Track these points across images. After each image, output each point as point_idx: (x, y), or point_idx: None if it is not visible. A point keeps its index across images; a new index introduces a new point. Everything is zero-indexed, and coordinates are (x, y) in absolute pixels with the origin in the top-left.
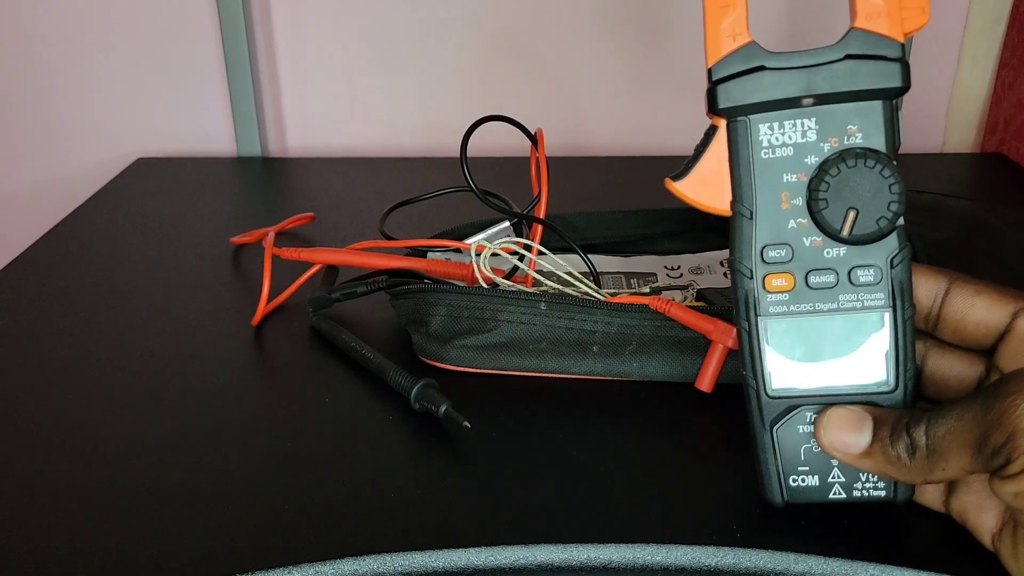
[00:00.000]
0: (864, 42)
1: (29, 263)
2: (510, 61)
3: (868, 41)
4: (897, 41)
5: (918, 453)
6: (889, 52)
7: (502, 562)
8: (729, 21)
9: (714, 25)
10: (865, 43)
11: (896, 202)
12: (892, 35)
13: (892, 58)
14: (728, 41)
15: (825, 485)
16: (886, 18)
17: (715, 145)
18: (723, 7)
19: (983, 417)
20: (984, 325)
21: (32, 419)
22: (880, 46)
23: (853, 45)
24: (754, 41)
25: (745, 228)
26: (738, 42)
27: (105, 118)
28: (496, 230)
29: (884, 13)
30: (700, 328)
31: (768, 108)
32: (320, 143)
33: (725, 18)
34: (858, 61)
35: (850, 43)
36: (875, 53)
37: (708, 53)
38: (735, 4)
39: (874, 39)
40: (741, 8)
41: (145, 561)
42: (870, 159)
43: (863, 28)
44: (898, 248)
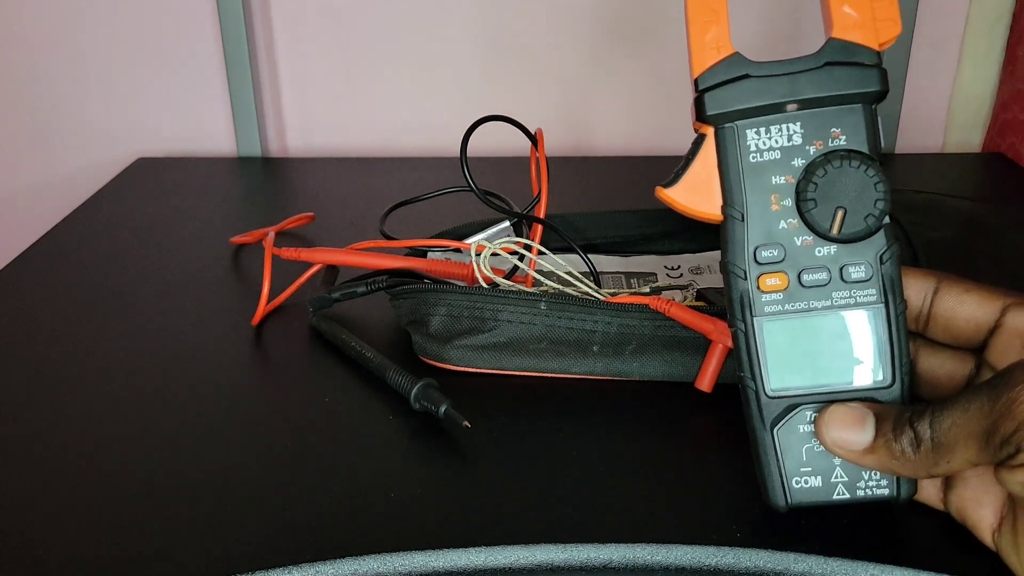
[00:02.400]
0: (842, 50)
1: (29, 263)
2: (510, 61)
3: (846, 49)
4: (873, 49)
5: (923, 446)
6: (866, 59)
7: (502, 562)
8: (712, 34)
9: (698, 38)
10: (843, 51)
11: (882, 200)
12: (868, 43)
13: (870, 64)
14: (712, 53)
15: (828, 485)
16: (860, 28)
17: (704, 153)
18: (706, 21)
19: (991, 407)
20: (974, 322)
21: (31, 419)
22: (857, 53)
23: (832, 53)
24: (738, 52)
25: (737, 230)
26: (722, 53)
27: (105, 118)
28: (496, 230)
29: (859, 24)
30: (700, 328)
31: (754, 114)
32: (320, 143)
33: (708, 31)
34: (838, 67)
35: (829, 52)
36: (853, 60)
37: (693, 65)
38: (718, 18)
39: (851, 47)
40: (724, 21)
41: (145, 561)
42: (854, 160)
43: (840, 38)
44: (886, 245)
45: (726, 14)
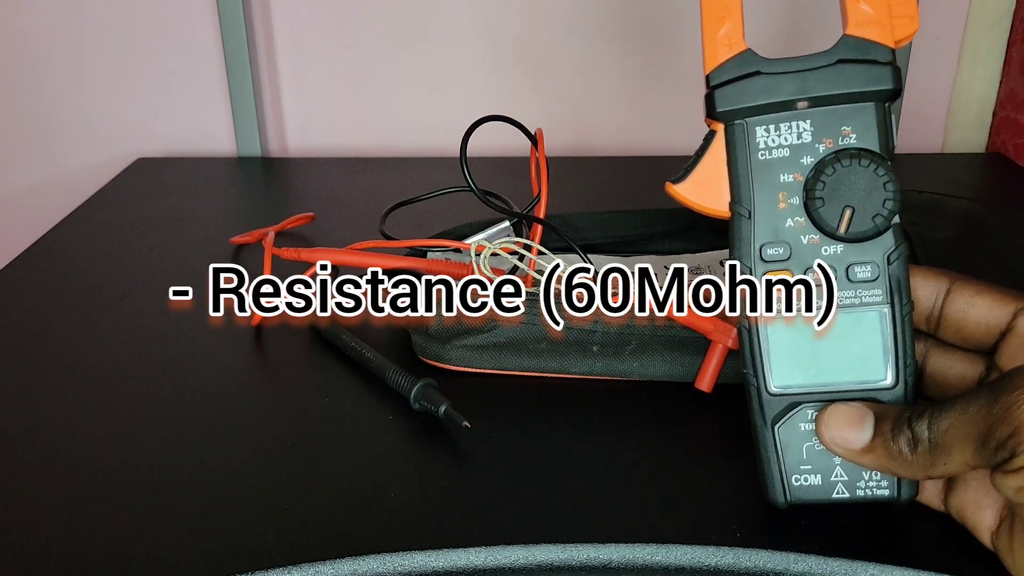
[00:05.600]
0: (856, 47)
1: (29, 263)
2: (510, 61)
3: (860, 46)
4: (888, 46)
5: (920, 447)
6: (880, 56)
7: (502, 562)
8: (726, 30)
9: (711, 34)
10: (857, 48)
11: (891, 200)
12: (883, 41)
13: (883, 62)
14: (724, 49)
15: (828, 484)
16: (876, 25)
17: (713, 149)
18: (720, 17)
19: (988, 411)
20: (985, 324)
21: (31, 419)
22: (871, 51)
23: (845, 50)
24: (750, 48)
25: (744, 227)
26: (734, 50)
27: (105, 118)
28: (496, 230)
29: (874, 20)
30: (700, 328)
31: (764, 111)
32: (320, 143)
33: (722, 27)
34: (850, 65)
35: (842, 49)
36: (866, 57)
37: (706, 60)
38: (731, 14)
39: (865, 44)
40: (737, 17)
41: (144, 561)
42: (864, 159)
43: (855, 35)
44: (894, 245)
45: (740, 10)
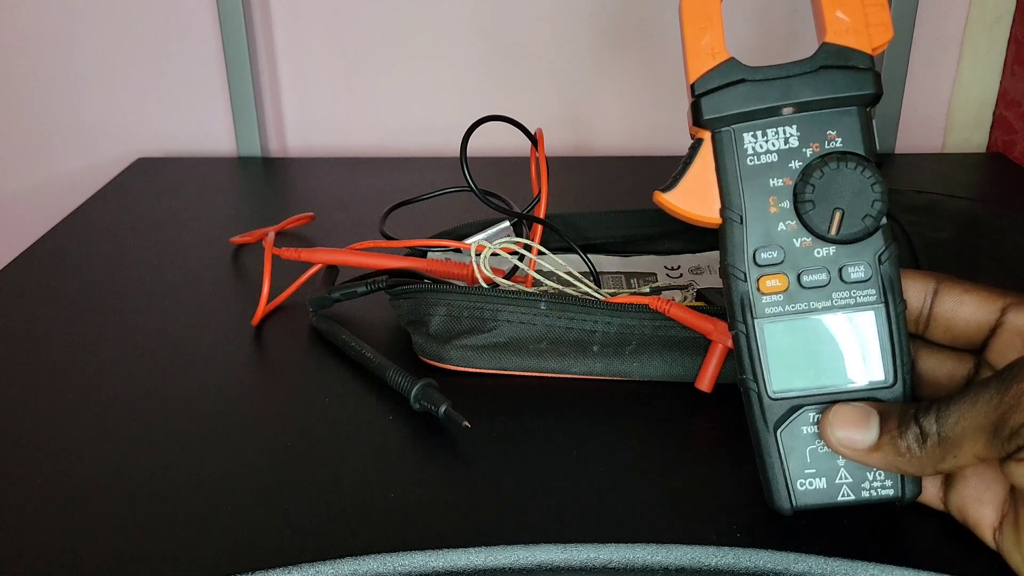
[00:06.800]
0: (836, 54)
1: (29, 263)
2: (510, 61)
3: (840, 53)
4: (866, 53)
5: (929, 441)
6: (860, 63)
7: (502, 562)
8: (708, 40)
9: (694, 44)
10: (838, 55)
11: (879, 200)
12: (861, 48)
13: (864, 68)
14: (708, 58)
15: (833, 487)
16: (854, 33)
17: (701, 157)
18: (701, 28)
19: (1000, 399)
20: (975, 322)
21: (31, 419)
22: (852, 57)
23: (826, 57)
24: (733, 57)
25: (736, 233)
26: (718, 59)
27: (105, 118)
28: (496, 230)
29: (852, 29)
30: (700, 328)
31: (751, 117)
32: (320, 143)
33: (703, 37)
34: (832, 71)
35: (823, 56)
36: (848, 64)
37: (689, 70)
38: (712, 24)
39: (845, 51)
40: (718, 27)
41: (144, 561)
42: (851, 161)
43: (834, 42)
44: (884, 245)
45: (720, 20)
